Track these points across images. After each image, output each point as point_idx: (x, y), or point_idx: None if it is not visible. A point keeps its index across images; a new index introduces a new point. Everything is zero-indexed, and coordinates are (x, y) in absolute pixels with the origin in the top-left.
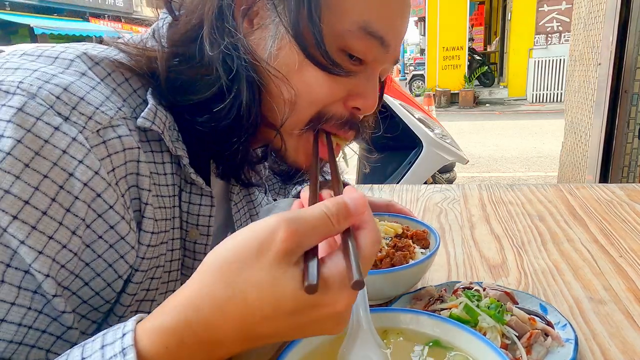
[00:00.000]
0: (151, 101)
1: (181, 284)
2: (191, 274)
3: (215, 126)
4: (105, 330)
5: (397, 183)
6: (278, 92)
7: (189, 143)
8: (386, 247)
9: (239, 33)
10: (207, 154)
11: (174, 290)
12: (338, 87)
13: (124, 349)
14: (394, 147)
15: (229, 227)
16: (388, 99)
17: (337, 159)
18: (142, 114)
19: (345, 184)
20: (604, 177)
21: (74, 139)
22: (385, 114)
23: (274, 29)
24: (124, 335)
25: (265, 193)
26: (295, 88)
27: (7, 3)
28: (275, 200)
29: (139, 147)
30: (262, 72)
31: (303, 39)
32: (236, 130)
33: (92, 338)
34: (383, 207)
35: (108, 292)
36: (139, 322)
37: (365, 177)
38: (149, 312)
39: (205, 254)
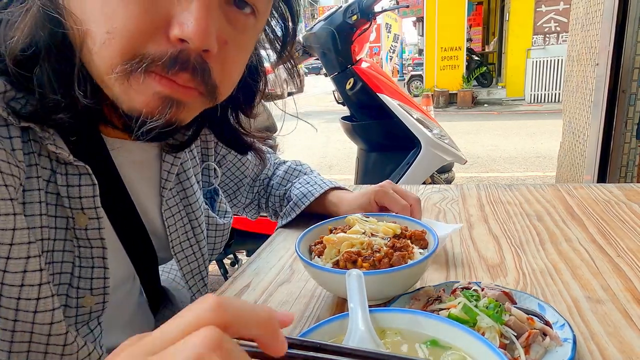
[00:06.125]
0: None
1: (79, 274)
2: (93, 264)
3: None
4: None
5: (396, 183)
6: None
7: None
8: (385, 248)
9: None
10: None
11: (78, 278)
12: (144, 9)
13: None
14: (392, 147)
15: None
16: (386, 99)
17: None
18: None
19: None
20: (602, 177)
21: None
22: (384, 114)
23: None
24: None
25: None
26: (80, 15)
27: None
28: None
29: None
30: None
31: None
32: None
33: None
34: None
35: None
36: None
37: (364, 177)
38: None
39: (102, 239)
